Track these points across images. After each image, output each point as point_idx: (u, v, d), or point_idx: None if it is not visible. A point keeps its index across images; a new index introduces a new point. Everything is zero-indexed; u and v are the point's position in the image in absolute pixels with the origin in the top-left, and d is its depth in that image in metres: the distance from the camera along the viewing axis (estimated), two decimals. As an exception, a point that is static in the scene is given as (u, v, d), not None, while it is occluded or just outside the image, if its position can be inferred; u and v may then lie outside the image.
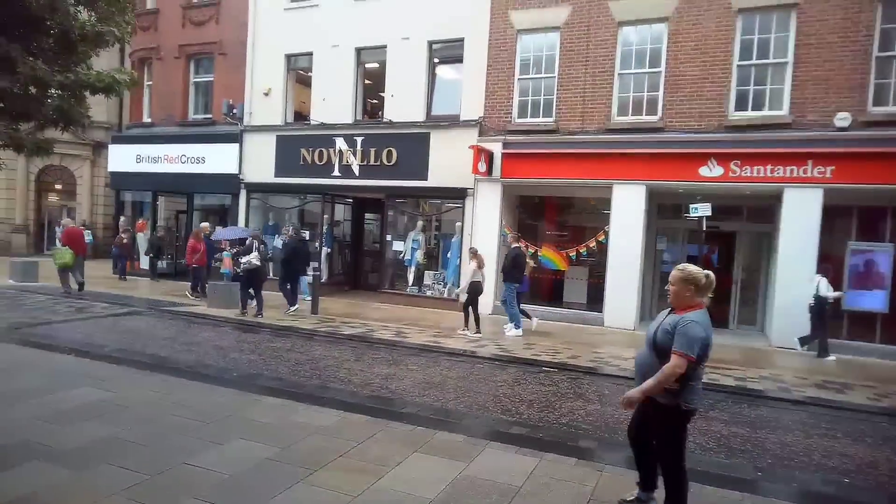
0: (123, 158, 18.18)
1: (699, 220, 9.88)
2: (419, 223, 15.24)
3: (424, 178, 14.21)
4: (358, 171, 14.97)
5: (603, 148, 12.42)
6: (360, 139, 14.93)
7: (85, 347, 8.23)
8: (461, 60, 14.13)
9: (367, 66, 15.55)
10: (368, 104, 16.26)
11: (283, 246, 13.61)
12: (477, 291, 10.97)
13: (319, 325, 11.25)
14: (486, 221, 13.62)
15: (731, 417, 6.69)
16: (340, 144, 15.13)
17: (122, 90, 6.25)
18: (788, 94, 11.27)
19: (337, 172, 15.19)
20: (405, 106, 14.50)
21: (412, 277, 15.13)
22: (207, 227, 15.21)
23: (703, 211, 9.84)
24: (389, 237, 15.32)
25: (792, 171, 11.10)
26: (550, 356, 9.39)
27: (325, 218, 15.96)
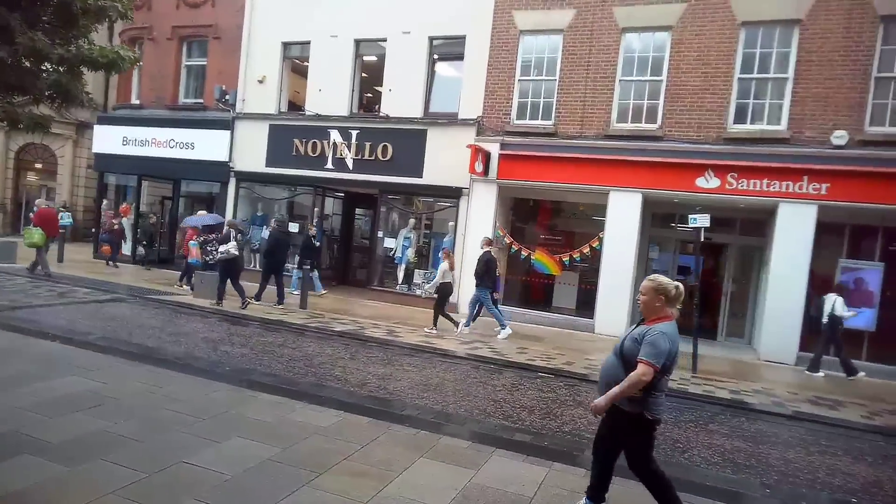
0: (109, 140, 17.68)
1: (697, 230, 9.86)
2: (411, 221, 15.08)
3: (419, 175, 14.05)
4: (352, 164, 14.75)
5: (601, 154, 12.39)
6: (355, 132, 14.72)
7: (69, 334, 7.93)
8: (462, 58, 13.99)
9: (365, 58, 15.34)
10: (365, 97, 16.05)
11: (267, 237, 13.33)
12: (447, 292, 11.17)
13: (309, 320, 11.03)
14: (480, 222, 13.49)
15: (731, 431, 6.66)
16: (335, 137, 14.90)
17: (125, 67, 6.02)
18: (787, 109, 11.34)
19: (330, 165, 14.96)
20: (403, 101, 14.32)
21: (402, 275, 14.96)
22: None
23: (701, 222, 9.81)
24: (381, 234, 15.14)
25: (787, 186, 11.17)
26: (545, 361, 9.32)
27: (315, 211, 15.74)
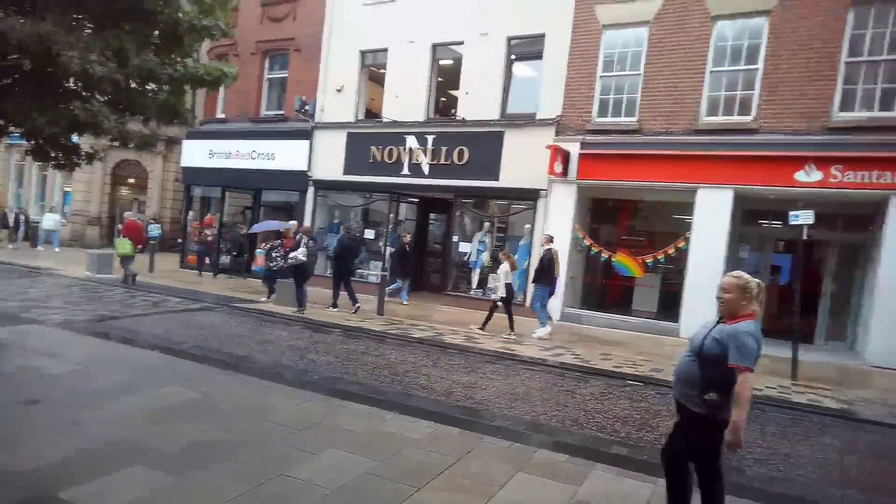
0: (196, 154, 18.51)
1: (800, 228, 9.18)
2: (486, 224, 14.91)
3: (496, 178, 13.85)
4: (427, 170, 14.74)
5: (689, 149, 11.77)
6: (431, 137, 14.70)
7: (166, 343, 8.27)
8: (540, 57, 13.69)
9: (441, 62, 15.30)
10: (441, 102, 16.02)
11: (336, 243, 13.52)
12: (512, 292, 11.31)
13: (388, 326, 11.08)
14: (558, 224, 13.12)
15: (845, 445, 6.12)
16: (411, 142, 14.94)
17: (229, 83, 6.18)
18: (902, 93, 10.42)
19: (406, 171, 15.01)
20: (480, 103, 14.17)
21: (476, 280, 14.79)
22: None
23: (804, 219, 9.14)
24: (456, 238, 15.03)
25: (900, 176, 10.25)
26: (632, 368, 8.95)
27: (390, 217, 15.84)
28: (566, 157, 12.83)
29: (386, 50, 15.66)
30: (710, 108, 11.93)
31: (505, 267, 11.27)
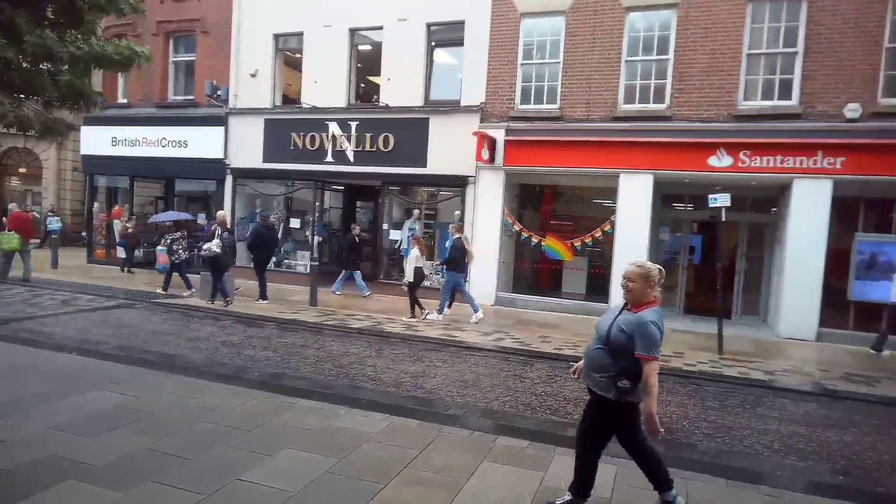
0: (97, 141, 17.15)
1: (719, 210, 9.71)
2: (415, 212, 14.81)
3: (423, 164, 13.76)
4: (353, 157, 14.41)
5: (609, 136, 12.19)
6: (354, 124, 14.37)
7: (85, 345, 7.62)
8: (461, 43, 13.67)
9: (360, 47, 14.97)
10: (362, 88, 15.68)
11: (251, 232, 13.01)
12: (420, 277, 11.49)
13: (323, 317, 10.79)
14: (487, 210, 13.27)
15: (780, 415, 6.54)
16: (334, 129, 14.54)
17: (142, 63, 5.67)
18: (798, 83, 11.21)
19: (330, 158, 14.61)
20: (402, 90, 13.99)
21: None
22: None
23: (722, 201, 9.67)
24: (386, 226, 14.84)
25: (802, 161, 11.06)
26: (573, 350, 9.16)
27: (316, 205, 15.42)
28: (492, 143, 12.93)
29: (301, 34, 15.13)
30: (626, 96, 12.38)
31: (415, 251, 11.48)
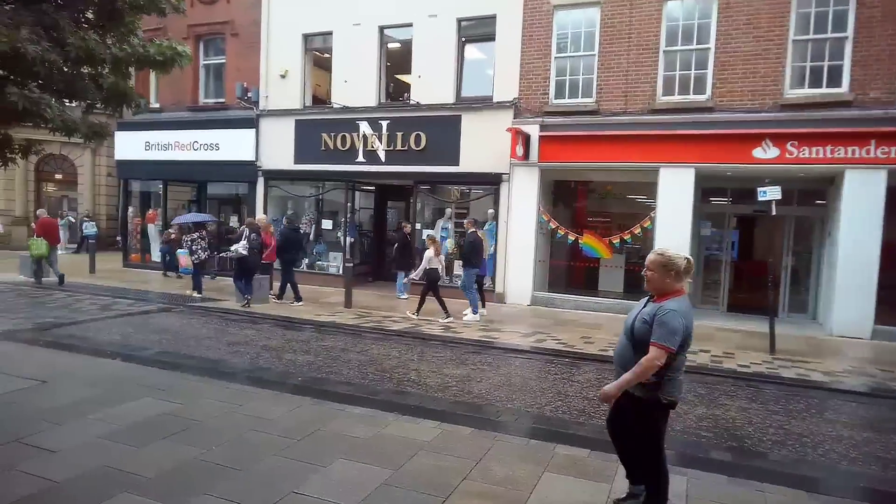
0: (130, 146, 17.30)
1: (768, 203, 9.33)
2: (448, 211, 14.61)
3: (456, 163, 13.54)
4: (384, 156, 14.26)
5: (648, 129, 11.84)
6: (385, 123, 14.22)
7: (127, 350, 7.58)
8: (493, 38, 13.42)
9: (390, 45, 14.80)
10: (393, 86, 15.52)
11: (278, 235, 12.90)
12: (434, 278, 11.12)
13: (360, 320, 10.65)
14: (522, 208, 13.01)
15: (850, 420, 6.20)
16: (364, 129, 14.41)
17: (184, 64, 5.55)
18: (848, 70, 10.73)
19: (361, 158, 14.48)
20: (433, 88, 13.79)
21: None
22: (265, 219, 13.29)
23: (772, 194, 9.28)
24: (418, 226, 14.66)
25: (854, 151, 10.59)
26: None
27: (348, 206, 15.32)
28: (527, 139, 12.67)
29: (331, 33, 15.01)
30: (665, 87, 12.01)
31: (429, 252, 11.21)
